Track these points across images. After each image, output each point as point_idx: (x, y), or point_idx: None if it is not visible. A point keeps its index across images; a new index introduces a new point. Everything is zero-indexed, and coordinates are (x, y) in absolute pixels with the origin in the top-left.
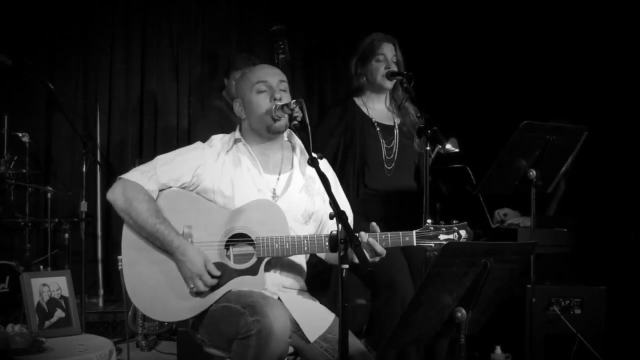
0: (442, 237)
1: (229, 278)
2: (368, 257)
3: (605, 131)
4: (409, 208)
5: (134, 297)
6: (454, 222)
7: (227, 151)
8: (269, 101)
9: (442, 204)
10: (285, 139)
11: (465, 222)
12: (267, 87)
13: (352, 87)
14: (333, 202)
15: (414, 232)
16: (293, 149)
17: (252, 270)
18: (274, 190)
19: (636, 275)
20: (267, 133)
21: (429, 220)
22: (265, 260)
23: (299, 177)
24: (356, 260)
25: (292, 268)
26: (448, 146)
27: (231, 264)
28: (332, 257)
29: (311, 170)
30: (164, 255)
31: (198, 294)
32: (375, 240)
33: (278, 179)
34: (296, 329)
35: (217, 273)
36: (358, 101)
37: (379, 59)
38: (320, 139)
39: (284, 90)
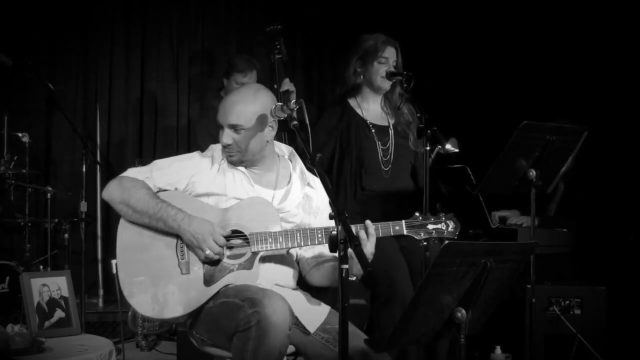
0: (430, 226)
1: (224, 273)
2: (368, 258)
3: (605, 131)
4: (408, 207)
5: (131, 298)
6: (442, 214)
7: (222, 159)
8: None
9: (442, 204)
10: (286, 157)
11: (452, 214)
12: (220, 127)
13: (348, 86)
14: (333, 203)
15: (404, 221)
16: (293, 167)
17: (247, 265)
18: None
19: (636, 275)
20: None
21: (416, 213)
22: (260, 254)
23: (297, 194)
24: (354, 275)
25: (284, 267)
26: (448, 146)
27: (225, 259)
28: (319, 276)
29: (308, 190)
30: (159, 253)
31: (206, 275)
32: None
33: (274, 195)
34: (295, 322)
35: (225, 232)
36: (352, 102)
37: (381, 61)
38: (318, 139)
39: (233, 133)
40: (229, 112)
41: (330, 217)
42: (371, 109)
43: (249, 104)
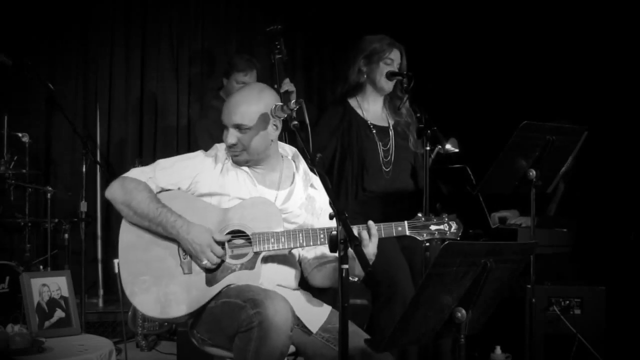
0: (433, 227)
1: (226, 273)
2: (370, 259)
3: (605, 131)
4: (408, 207)
5: (132, 297)
6: (444, 215)
7: (226, 159)
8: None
9: (442, 204)
10: (289, 157)
11: (455, 214)
12: (224, 127)
13: (350, 85)
14: (333, 203)
15: (406, 222)
16: (296, 168)
17: (249, 265)
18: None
19: (636, 275)
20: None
21: (419, 214)
22: (262, 254)
23: (300, 194)
24: (356, 275)
25: (286, 267)
26: (448, 146)
27: (227, 259)
28: (321, 277)
29: (312, 191)
30: (161, 253)
31: (208, 275)
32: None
33: (277, 195)
34: (296, 322)
35: (225, 239)
36: (353, 102)
37: (387, 62)
38: (320, 139)
39: (238, 133)
40: (233, 112)
41: (331, 217)
42: (371, 109)
43: (253, 103)
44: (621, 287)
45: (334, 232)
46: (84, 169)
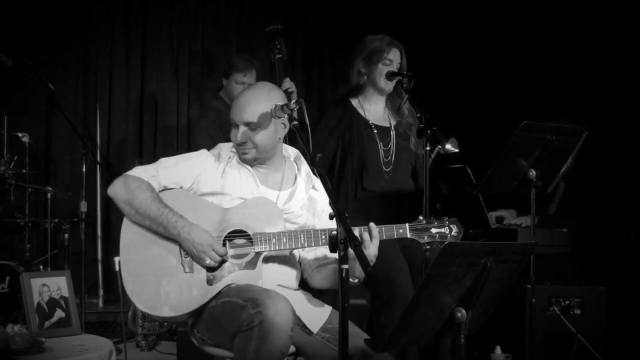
0: (434, 230)
1: (227, 273)
2: (370, 260)
3: (605, 131)
4: (407, 207)
5: (134, 296)
6: (445, 218)
7: (229, 158)
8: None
9: (442, 204)
10: (292, 159)
11: (456, 217)
12: (234, 125)
13: (351, 86)
14: (333, 203)
15: (407, 224)
16: (298, 169)
17: (250, 265)
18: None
19: (636, 275)
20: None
21: (420, 217)
22: (263, 254)
23: (302, 195)
24: (356, 277)
25: (287, 268)
26: (448, 146)
27: (229, 259)
28: (321, 278)
29: (313, 192)
30: (162, 251)
31: (209, 274)
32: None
33: (278, 196)
34: (297, 322)
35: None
36: (354, 102)
37: (386, 63)
38: (320, 139)
39: (248, 130)
40: (243, 110)
41: (330, 218)
42: (373, 109)
43: (263, 102)
44: (621, 287)
45: (334, 232)
46: (84, 169)
